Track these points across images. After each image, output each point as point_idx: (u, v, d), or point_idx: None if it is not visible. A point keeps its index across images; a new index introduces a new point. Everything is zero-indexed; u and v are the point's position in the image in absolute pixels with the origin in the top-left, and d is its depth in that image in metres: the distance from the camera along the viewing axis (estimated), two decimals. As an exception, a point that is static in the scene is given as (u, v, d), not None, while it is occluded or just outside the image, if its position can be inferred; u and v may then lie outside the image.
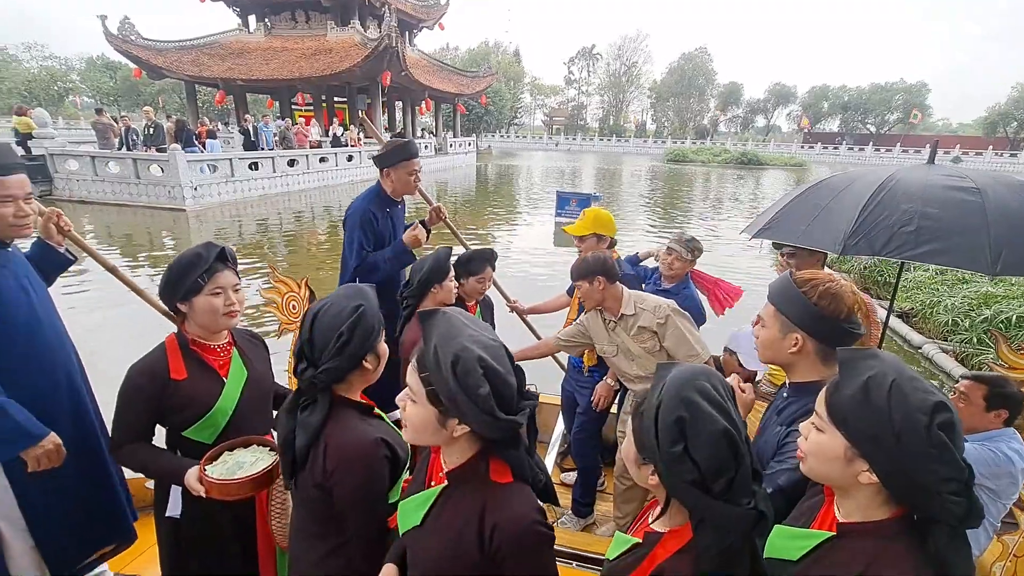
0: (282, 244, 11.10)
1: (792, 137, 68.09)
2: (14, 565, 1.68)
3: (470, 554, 0.98)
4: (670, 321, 2.23)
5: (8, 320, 1.62)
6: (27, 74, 54.44)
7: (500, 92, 48.21)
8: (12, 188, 1.62)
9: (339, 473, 1.19)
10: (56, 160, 14.32)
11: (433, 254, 2.28)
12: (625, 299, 2.29)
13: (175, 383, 1.52)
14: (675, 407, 0.88)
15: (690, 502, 0.89)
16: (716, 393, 0.89)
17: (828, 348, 1.33)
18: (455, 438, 1.02)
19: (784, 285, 1.37)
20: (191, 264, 1.52)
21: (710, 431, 0.85)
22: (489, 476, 1.02)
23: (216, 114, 31.99)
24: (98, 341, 5.13)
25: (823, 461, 0.93)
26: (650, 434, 0.90)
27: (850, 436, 0.87)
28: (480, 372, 0.94)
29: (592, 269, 2.25)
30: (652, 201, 19.32)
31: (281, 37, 23.26)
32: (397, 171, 2.69)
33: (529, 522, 0.98)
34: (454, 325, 1.01)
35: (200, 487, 1.43)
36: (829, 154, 52.20)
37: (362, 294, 1.29)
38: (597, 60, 78.43)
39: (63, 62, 61.83)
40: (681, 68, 71.69)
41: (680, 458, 0.86)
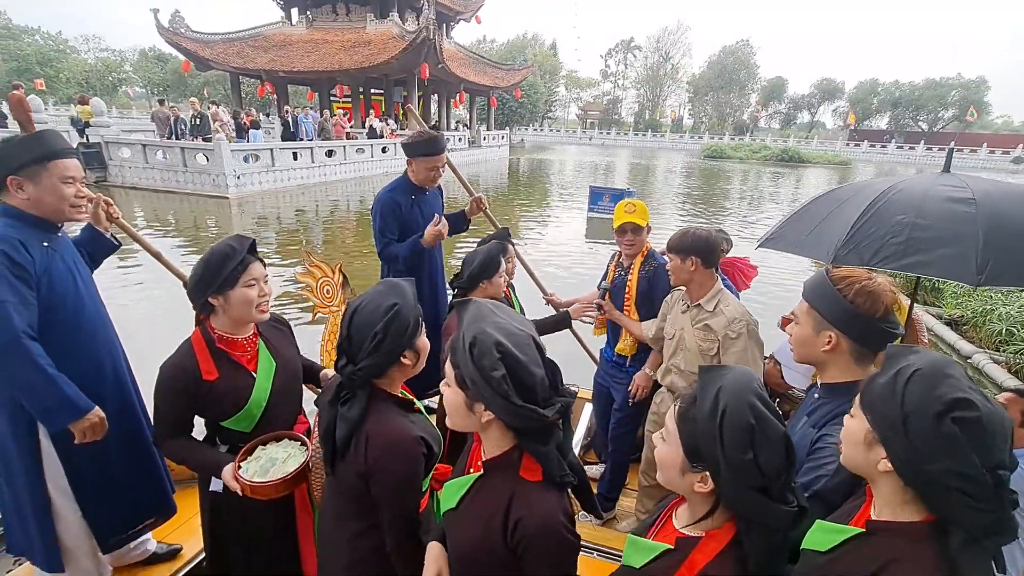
0: (319, 232, 11.39)
1: (837, 134, 65.48)
2: (64, 531, 1.78)
3: (495, 544, 1.01)
4: (742, 340, 2.08)
5: (57, 302, 1.70)
6: (84, 65, 57.17)
7: (535, 85, 47.96)
8: (72, 170, 1.72)
9: (379, 465, 1.22)
10: (110, 147, 15.05)
11: (485, 248, 2.30)
12: (712, 291, 2.17)
13: (208, 384, 1.55)
14: (744, 414, 0.89)
15: (747, 507, 0.89)
16: (767, 397, 0.92)
17: (863, 348, 1.30)
18: (486, 425, 1.04)
19: (819, 281, 1.35)
20: (226, 256, 1.54)
21: (776, 436, 0.88)
22: (519, 471, 1.03)
23: (258, 105, 32.91)
24: (140, 315, 5.41)
25: (850, 445, 0.95)
26: (711, 442, 0.89)
27: (872, 420, 0.89)
28: (497, 356, 0.95)
29: (690, 247, 2.13)
30: (688, 197, 18.93)
31: (322, 29, 23.71)
32: (418, 163, 2.76)
33: (552, 523, 0.98)
34: (482, 312, 1.04)
35: (236, 485, 1.49)
36: (876, 152, 49.86)
37: (398, 291, 1.30)
38: (636, 53, 77.00)
39: (117, 54, 64.72)
40: (721, 62, 69.57)
41: (747, 465, 0.87)
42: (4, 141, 1.67)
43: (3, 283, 1.54)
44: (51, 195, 1.68)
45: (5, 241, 1.58)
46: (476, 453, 1.16)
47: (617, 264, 2.67)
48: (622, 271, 2.62)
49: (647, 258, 2.56)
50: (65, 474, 1.76)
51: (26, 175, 1.64)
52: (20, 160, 1.63)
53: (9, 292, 1.55)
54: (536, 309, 2.98)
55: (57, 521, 1.77)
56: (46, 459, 1.73)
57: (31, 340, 1.57)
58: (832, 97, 70.90)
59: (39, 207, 1.68)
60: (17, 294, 1.56)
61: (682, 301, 2.30)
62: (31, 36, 53.80)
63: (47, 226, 1.73)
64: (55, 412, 1.64)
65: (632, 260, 2.57)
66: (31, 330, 1.59)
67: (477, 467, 1.12)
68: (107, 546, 1.89)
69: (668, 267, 2.25)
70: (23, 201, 1.66)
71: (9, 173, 1.63)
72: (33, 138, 1.68)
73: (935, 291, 7.33)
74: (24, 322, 1.56)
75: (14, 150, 1.64)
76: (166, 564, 2.15)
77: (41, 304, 1.64)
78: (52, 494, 1.75)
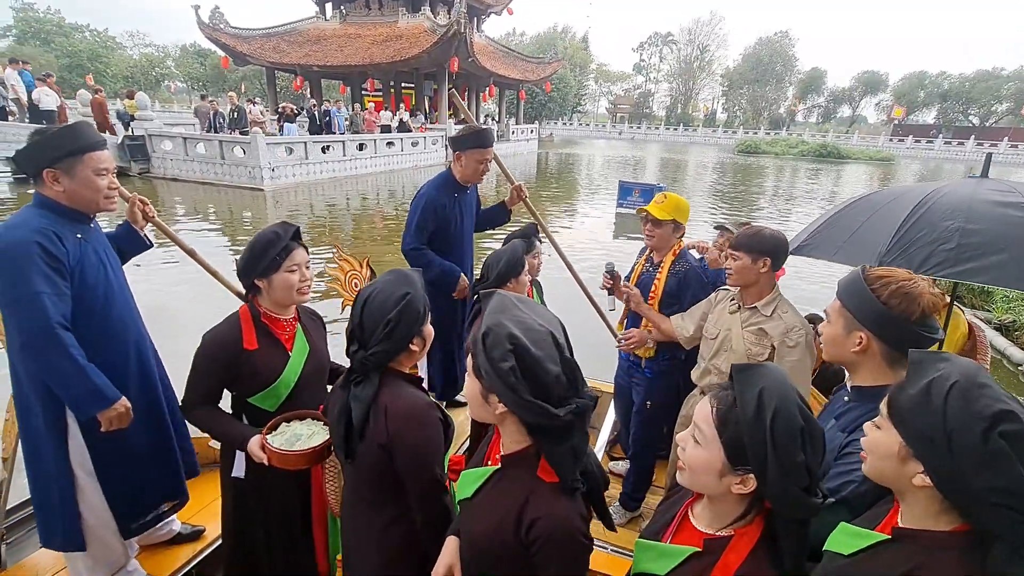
0: (349, 224, 11.59)
1: (879, 129, 62.77)
2: (88, 511, 1.85)
3: (508, 540, 1.01)
4: (799, 350, 1.96)
5: (89, 292, 1.74)
6: (130, 61, 59.39)
7: (565, 79, 47.50)
8: (105, 162, 1.75)
9: (400, 434, 1.25)
10: (154, 140, 15.60)
11: (509, 247, 2.30)
12: (770, 296, 2.06)
13: (247, 352, 1.64)
14: (794, 416, 0.88)
15: (791, 506, 0.89)
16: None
17: (896, 351, 1.26)
18: (501, 418, 1.03)
19: (853, 280, 1.31)
20: (270, 242, 1.63)
21: (819, 436, 0.89)
22: (537, 471, 1.03)
23: (292, 99, 33.62)
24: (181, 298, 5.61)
25: (878, 458, 0.93)
26: (760, 444, 0.88)
27: (906, 435, 0.87)
28: (508, 347, 0.94)
29: (764, 247, 1.99)
30: (721, 195, 18.51)
31: (355, 24, 24.00)
32: (468, 156, 2.72)
33: (567, 527, 0.98)
34: (504, 304, 1.03)
35: (262, 454, 1.54)
36: (922, 148, 47.57)
37: (408, 280, 1.34)
38: (671, 46, 75.40)
39: (160, 49, 66.98)
40: (757, 54, 67.57)
41: (799, 467, 0.87)
42: (38, 133, 1.69)
43: (39, 275, 1.58)
44: (86, 187, 1.71)
45: (41, 233, 1.62)
46: (495, 445, 1.17)
47: (646, 259, 2.60)
48: (651, 266, 2.56)
49: (679, 257, 2.49)
50: (90, 456, 1.82)
51: (62, 167, 1.67)
52: (56, 153, 1.66)
53: (45, 283, 1.59)
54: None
55: (81, 501, 1.83)
56: (72, 441, 1.78)
57: (64, 330, 1.62)
58: (875, 90, 68.20)
59: (74, 199, 1.72)
60: (52, 285, 1.61)
61: (730, 300, 2.19)
62: (80, 33, 56.08)
63: (81, 217, 1.77)
64: (84, 401, 1.69)
65: (662, 257, 2.51)
66: (65, 320, 1.63)
67: (495, 459, 1.13)
68: (128, 531, 1.95)
69: (732, 266, 2.08)
70: (58, 193, 1.70)
71: (46, 166, 1.66)
72: (68, 131, 1.70)
73: (983, 295, 7.00)
74: (58, 313, 1.61)
75: (50, 143, 1.67)
76: (190, 544, 2.24)
77: (74, 295, 1.68)
78: (77, 475, 1.81)
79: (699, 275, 2.47)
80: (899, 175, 29.70)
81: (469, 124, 2.82)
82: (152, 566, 2.09)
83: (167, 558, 2.16)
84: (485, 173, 2.84)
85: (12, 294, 1.58)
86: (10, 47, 48.39)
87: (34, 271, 1.58)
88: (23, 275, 1.58)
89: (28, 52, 41.74)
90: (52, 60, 46.72)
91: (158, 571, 2.08)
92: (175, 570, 2.10)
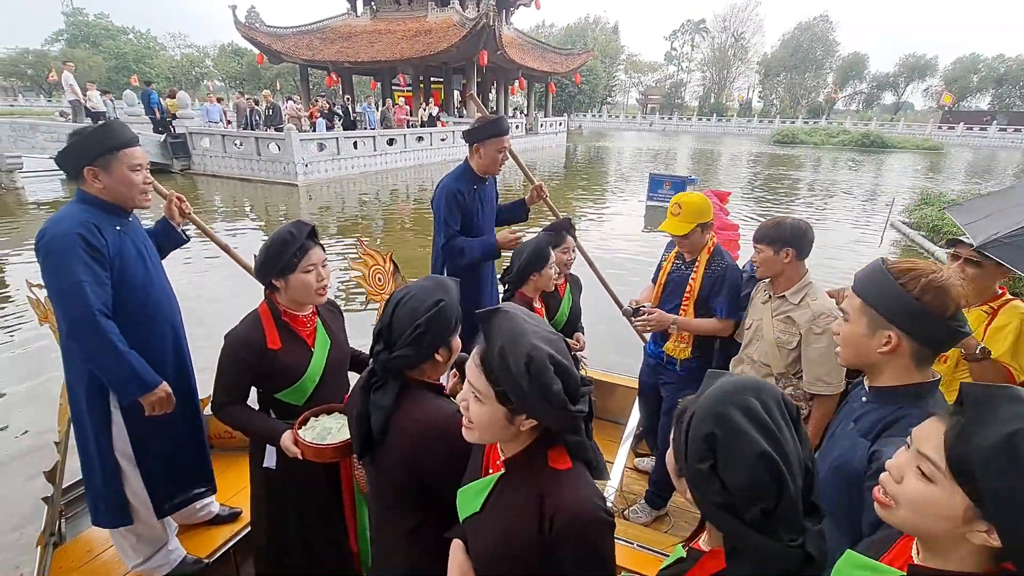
0: (379, 218, 11.77)
1: (927, 116, 59.73)
2: (130, 493, 1.95)
3: (529, 538, 1.00)
4: (826, 336, 1.96)
5: (127, 281, 1.81)
6: (171, 61, 61.61)
7: (595, 70, 46.93)
8: (140, 158, 1.82)
9: (425, 444, 1.22)
10: (194, 138, 16.18)
11: (534, 240, 2.28)
12: (800, 284, 2.09)
13: (272, 352, 1.66)
14: (707, 422, 0.80)
15: (721, 527, 0.81)
16: (765, 412, 0.78)
17: (926, 349, 1.17)
18: (519, 432, 1.03)
19: (875, 274, 1.20)
20: (285, 243, 1.63)
21: (744, 453, 0.75)
22: (547, 463, 1.03)
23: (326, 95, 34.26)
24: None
25: (928, 517, 0.78)
26: (681, 446, 0.84)
27: (978, 496, 0.72)
28: (552, 370, 0.94)
29: (785, 238, 2.03)
30: (756, 187, 17.99)
31: (385, 20, 24.23)
32: (486, 147, 2.70)
33: (590, 507, 0.98)
34: (517, 324, 1.00)
35: (295, 449, 1.58)
36: (975, 136, 44.98)
37: (444, 288, 1.31)
38: (704, 34, 73.35)
39: (200, 49, 69.20)
40: (796, 39, 65.06)
41: (708, 477, 0.79)
42: (76, 134, 1.76)
43: (80, 264, 1.67)
44: (122, 183, 1.79)
45: (82, 225, 1.70)
46: (493, 454, 1.14)
47: (676, 256, 2.52)
48: (683, 265, 2.47)
49: (713, 255, 2.39)
50: (130, 443, 1.91)
51: (100, 165, 1.75)
52: (95, 151, 1.74)
53: (86, 272, 1.67)
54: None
55: (125, 483, 1.93)
56: (115, 428, 1.88)
57: (105, 318, 1.70)
58: (922, 75, 64.90)
59: (112, 194, 1.80)
60: (93, 274, 1.69)
61: (764, 291, 2.21)
62: (126, 35, 58.42)
63: (120, 211, 1.85)
64: (126, 385, 1.77)
65: (695, 256, 2.41)
66: (105, 308, 1.71)
67: (496, 467, 1.11)
68: (161, 511, 2.02)
69: (757, 259, 2.12)
70: (99, 189, 1.78)
71: (86, 164, 1.75)
72: (104, 129, 1.78)
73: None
74: (99, 300, 1.69)
75: (88, 141, 1.74)
76: (228, 526, 2.33)
77: (113, 284, 1.76)
78: (119, 459, 1.91)
79: (735, 277, 2.38)
80: (950, 164, 28.22)
81: (481, 115, 2.80)
82: (192, 546, 2.20)
83: (206, 538, 2.26)
84: (504, 162, 2.81)
85: (57, 284, 1.68)
86: (62, 51, 50.78)
87: (76, 261, 1.67)
88: (66, 265, 1.67)
89: (78, 55, 43.85)
90: (100, 62, 48.90)
91: (197, 550, 2.18)
92: (213, 550, 2.20)
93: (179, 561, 2.11)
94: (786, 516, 0.75)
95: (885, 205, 11.95)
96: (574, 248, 2.60)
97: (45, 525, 2.02)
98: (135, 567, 2.03)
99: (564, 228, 2.54)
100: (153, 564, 2.05)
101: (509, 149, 2.84)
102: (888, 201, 11.69)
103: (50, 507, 2.05)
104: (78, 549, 2.17)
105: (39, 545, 1.97)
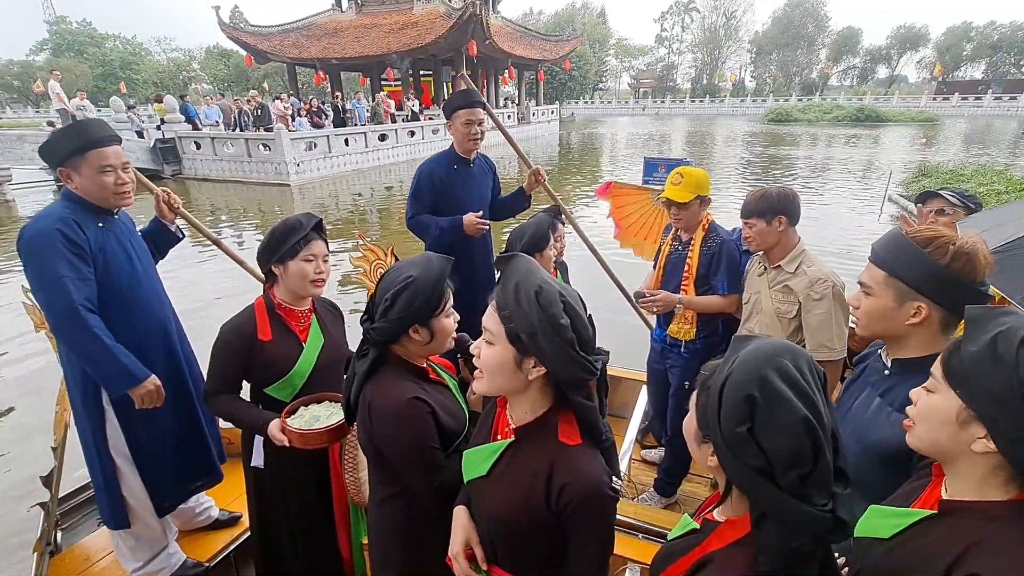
0: (374, 215, 11.71)
1: (921, 88, 59.31)
2: (129, 493, 1.94)
3: (536, 507, 1.01)
4: (825, 302, 1.94)
5: (112, 278, 1.80)
6: (158, 66, 61.02)
7: (584, 56, 46.52)
8: (110, 158, 1.76)
9: (379, 429, 1.25)
10: (183, 142, 16.04)
11: (534, 221, 2.25)
12: (794, 252, 2.07)
13: (261, 343, 1.66)
14: (746, 384, 0.77)
15: (754, 492, 0.78)
16: (800, 376, 0.77)
17: (953, 316, 1.15)
18: (528, 384, 1.03)
19: (900, 244, 1.17)
20: (292, 229, 1.65)
21: (786, 418, 0.74)
22: (558, 436, 1.03)
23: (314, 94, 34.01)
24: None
25: (933, 425, 0.84)
26: (713, 411, 0.80)
27: (968, 396, 0.79)
28: (561, 305, 0.96)
29: (775, 207, 2.00)
30: (751, 165, 17.89)
31: (371, 14, 23.97)
32: (455, 121, 2.67)
33: (597, 484, 0.99)
34: (534, 266, 1.03)
35: (282, 436, 1.57)
36: (969, 106, 44.55)
37: (423, 264, 1.30)
38: (694, 14, 72.69)
39: (186, 53, 68.59)
40: (788, 16, 64.53)
41: (745, 440, 0.76)
42: (55, 132, 1.77)
43: (61, 260, 1.66)
44: (92, 184, 1.76)
45: (62, 221, 1.69)
46: (502, 420, 1.14)
47: (673, 238, 2.50)
48: (679, 246, 2.46)
49: (708, 232, 2.37)
50: (125, 440, 1.90)
51: (70, 166, 1.73)
52: (63, 152, 1.72)
53: (67, 268, 1.66)
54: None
55: (122, 483, 1.92)
56: (109, 426, 1.87)
57: (89, 312, 1.69)
58: (915, 46, 64.38)
59: (88, 194, 1.78)
60: (74, 270, 1.68)
61: (759, 263, 2.19)
62: (112, 41, 57.83)
63: (101, 210, 1.82)
64: (114, 379, 1.76)
65: (691, 235, 2.40)
66: (89, 303, 1.70)
67: (505, 434, 1.11)
68: (161, 509, 2.01)
69: (751, 232, 2.09)
70: (75, 188, 1.77)
71: (58, 165, 1.74)
72: (72, 129, 1.76)
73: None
74: (82, 295, 1.68)
75: (58, 142, 1.73)
76: (227, 530, 2.31)
77: (98, 280, 1.75)
78: (115, 458, 1.90)
79: (731, 251, 2.36)
80: (945, 135, 28.05)
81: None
82: (192, 550, 2.18)
83: (206, 543, 2.24)
84: (477, 139, 2.71)
85: (39, 280, 1.68)
86: (47, 60, 50.35)
87: (57, 257, 1.66)
88: (47, 261, 1.66)
89: (64, 64, 43.41)
90: (87, 70, 48.46)
91: (197, 555, 2.16)
92: (213, 554, 2.18)
93: (179, 565, 2.09)
94: (820, 481, 0.75)
95: (880, 179, 11.89)
96: (563, 236, 2.56)
97: (41, 532, 1.99)
98: (135, 571, 2.02)
99: (554, 215, 2.50)
100: (153, 568, 2.03)
101: (504, 133, 2.79)
102: (885, 174, 11.62)
103: (46, 513, 2.03)
104: (76, 557, 2.15)
105: (35, 552, 1.95)
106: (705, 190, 2.31)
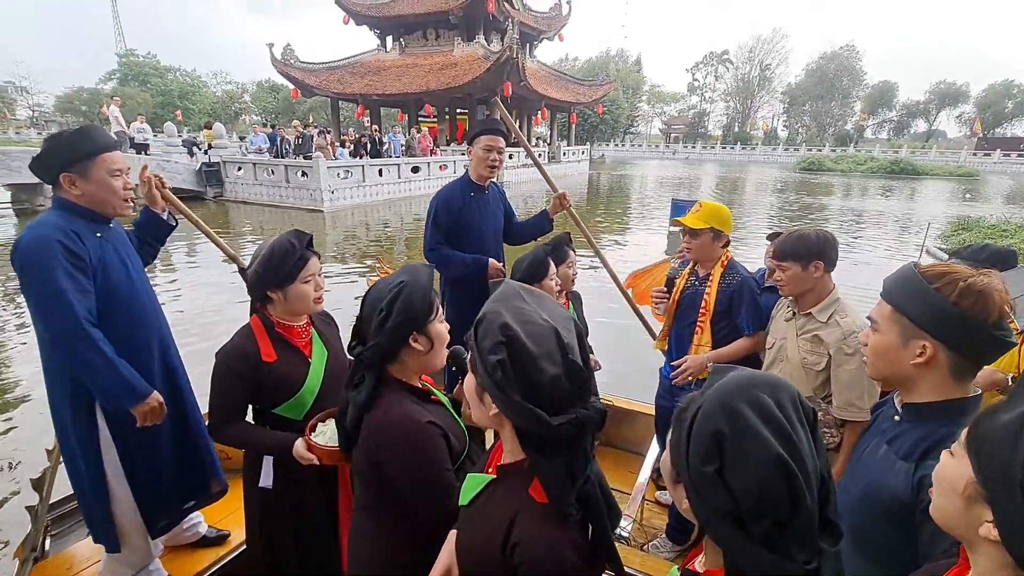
0: (401, 242, 11.90)
1: (960, 144, 58.22)
2: (119, 512, 1.86)
3: (493, 559, 0.92)
4: (859, 356, 1.79)
5: (112, 290, 1.75)
6: (212, 97, 65.06)
7: (617, 100, 47.50)
8: (119, 162, 1.75)
9: (388, 453, 1.19)
10: (227, 166, 16.82)
11: (531, 252, 2.22)
12: (827, 300, 1.92)
13: (267, 365, 1.60)
14: (715, 417, 0.69)
15: (723, 541, 0.69)
16: (779, 410, 0.68)
17: (965, 361, 1.04)
18: (496, 420, 0.92)
19: (907, 279, 1.10)
20: (287, 252, 1.59)
21: (758, 456, 0.65)
22: (529, 487, 0.91)
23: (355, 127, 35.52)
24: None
25: (942, 492, 0.76)
26: (683, 447, 0.72)
27: (978, 467, 0.69)
28: (500, 338, 0.83)
29: (812, 251, 1.87)
30: (780, 212, 17.65)
31: (413, 55, 25.12)
32: (476, 145, 2.71)
33: (553, 556, 0.84)
34: (507, 293, 0.93)
35: (310, 456, 1.49)
36: (1012, 163, 43.59)
37: (410, 271, 1.27)
38: (727, 65, 73.84)
39: (239, 86, 72.99)
40: (822, 68, 64.86)
41: (712, 481, 0.67)
42: (52, 139, 1.70)
43: (62, 273, 1.60)
44: (101, 189, 1.73)
45: (62, 232, 1.63)
46: (497, 453, 1.07)
47: (691, 273, 2.42)
48: (696, 281, 2.37)
49: (728, 269, 2.29)
50: (118, 457, 1.82)
51: (77, 171, 1.69)
52: (71, 157, 1.68)
53: (68, 281, 1.61)
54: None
55: (113, 502, 1.84)
56: (102, 441, 1.79)
57: (91, 326, 1.64)
58: (953, 102, 63.59)
59: (90, 200, 1.73)
60: (76, 283, 1.63)
61: (787, 308, 2.06)
62: (172, 73, 62.05)
63: (99, 218, 1.78)
64: (117, 395, 1.70)
65: (708, 270, 2.32)
66: (91, 316, 1.65)
67: (494, 468, 1.04)
68: (155, 530, 1.94)
69: (784, 276, 1.96)
70: (76, 196, 1.71)
71: (62, 170, 1.69)
72: (79, 134, 1.72)
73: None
74: (84, 309, 1.63)
75: (64, 147, 1.68)
76: (214, 548, 2.22)
77: (97, 293, 1.70)
78: (107, 474, 1.81)
79: (752, 288, 2.27)
80: (987, 191, 27.24)
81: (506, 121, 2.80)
82: (175, 567, 2.09)
83: (190, 560, 2.16)
84: (495, 166, 2.75)
85: (37, 292, 1.62)
86: (114, 88, 54.19)
87: (57, 269, 1.60)
88: (47, 273, 1.60)
89: (128, 92, 46.73)
90: (148, 98, 51.94)
91: (180, 573, 2.08)
92: (197, 573, 2.09)
93: (160, 583, 2.00)
94: (800, 533, 0.65)
95: (918, 232, 11.53)
96: (575, 264, 2.51)
97: (27, 537, 1.94)
98: None
99: (564, 243, 2.46)
100: None
101: (533, 160, 2.82)
102: (922, 226, 11.27)
103: (34, 518, 1.97)
104: (58, 565, 2.09)
105: (16, 557, 1.90)
106: (722, 224, 2.24)
